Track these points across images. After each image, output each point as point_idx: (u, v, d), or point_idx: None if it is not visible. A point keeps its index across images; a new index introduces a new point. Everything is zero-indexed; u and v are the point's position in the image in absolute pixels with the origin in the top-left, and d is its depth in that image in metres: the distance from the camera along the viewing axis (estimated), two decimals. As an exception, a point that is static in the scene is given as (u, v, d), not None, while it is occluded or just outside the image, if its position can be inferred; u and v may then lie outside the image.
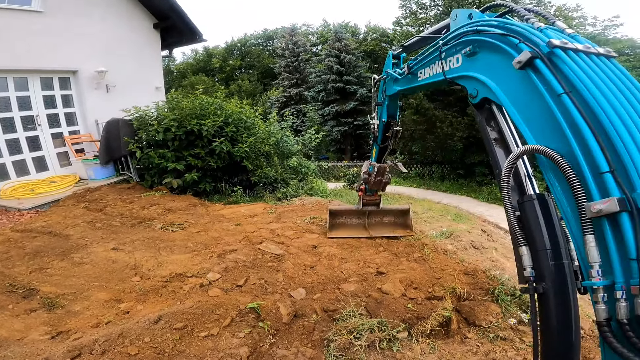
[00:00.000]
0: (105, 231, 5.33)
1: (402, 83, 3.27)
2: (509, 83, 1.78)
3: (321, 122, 25.56)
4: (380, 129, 4.13)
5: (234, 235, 5.08)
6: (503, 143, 2.06)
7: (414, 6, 25.50)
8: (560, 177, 1.51)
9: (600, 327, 1.30)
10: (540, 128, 1.62)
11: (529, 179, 1.97)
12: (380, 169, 4.40)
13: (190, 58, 46.31)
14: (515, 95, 1.75)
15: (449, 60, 2.30)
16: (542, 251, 1.63)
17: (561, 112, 1.47)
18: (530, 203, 1.72)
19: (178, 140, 7.39)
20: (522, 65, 1.61)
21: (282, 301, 3.39)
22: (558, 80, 1.48)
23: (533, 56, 1.57)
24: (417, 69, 2.86)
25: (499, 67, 1.84)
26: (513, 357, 2.93)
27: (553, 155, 1.48)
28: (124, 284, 3.75)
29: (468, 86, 2.14)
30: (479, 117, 2.15)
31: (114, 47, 9.68)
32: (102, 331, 2.76)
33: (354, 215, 5.20)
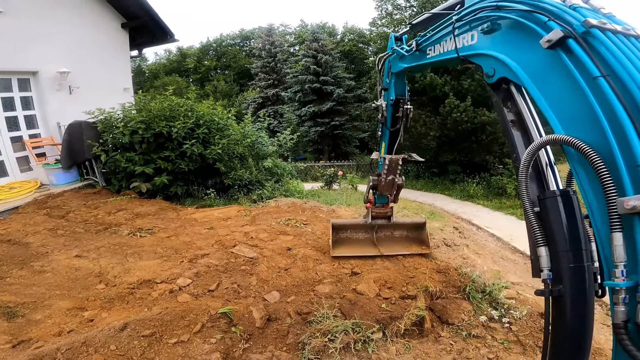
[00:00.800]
0: (67, 238, 5.09)
1: (409, 60, 3.09)
2: (534, 63, 1.65)
3: (298, 122, 25.46)
4: (389, 110, 3.75)
5: (206, 239, 4.95)
6: (521, 126, 1.92)
7: (390, 7, 25.91)
8: (588, 170, 1.40)
9: (617, 329, 1.25)
10: (569, 114, 1.49)
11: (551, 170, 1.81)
12: (392, 161, 3.77)
13: (163, 58, 45.10)
14: (540, 77, 1.62)
15: (463, 37, 2.16)
16: (562, 252, 1.53)
17: (596, 97, 1.35)
18: (552, 200, 1.58)
19: (146, 143, 7.16)
20: (552, 45, 1.47)
21: (255, 305, 3.33)
22: (594, 62, 1.35)
23: (565, 35, 1.44)
24: (426, 45, 2.71)
25: (523, 45, 1.71)
26: (485, 354, 2.99)
27: (582, 147, 1.36)
28: (87, 292, 3.60)
29: (484, 65, 2.01)
30: (495, 97, 2.02)
31: (78, 48, 9.31)
32: (65, 340, 2.68)
33: (360, 230, 4.55)
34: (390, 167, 3.80)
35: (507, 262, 6.28)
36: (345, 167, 20.65)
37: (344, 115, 25.73)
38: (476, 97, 15.06)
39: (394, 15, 26.07)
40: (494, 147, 14.97)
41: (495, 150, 15.16)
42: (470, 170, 16.03)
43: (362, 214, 6.76)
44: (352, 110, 25.97)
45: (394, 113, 3.76)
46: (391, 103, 3.68)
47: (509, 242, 8.17)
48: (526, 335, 3.20)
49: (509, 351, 3.04)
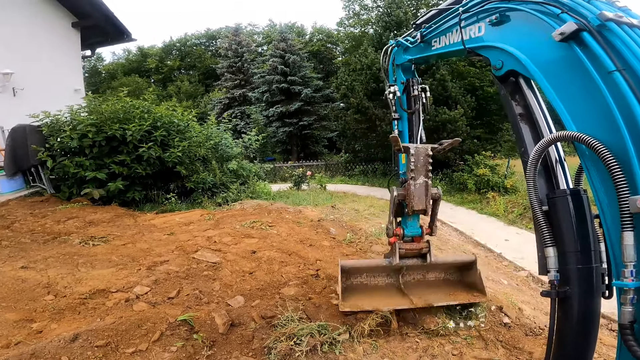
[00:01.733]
0: (12, 249, 4.76)
1: (414, 52, 3.01)
2: (545, 56, 1.60)
3: (266, 123, 25.20)
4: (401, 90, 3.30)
5: (166, 246, 4.76)
6: (529, 119, 1.87)
7: (357, 7, 26.32)
8: (600, 168, 1.35)
9: (623, 329, 1.23)
10: (581, 109, 1.44)
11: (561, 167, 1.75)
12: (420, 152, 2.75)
13: (121, 58, 43.14)
14: (552, 71, 1.56)
15: (470, 29, 2.10)
16: (571, 253, 1.50)
17: (610, 92, 1.30)
18: (563, 200, 1.54)
19: (97, 147, 6.80)
20: (565, 38, 1.43)
21: (217, 311, 3.24)
22: (610, 56, 1.31)
23: (580, 28, 1.39)
24: (431, 37, 2.63)
25: (533, 38, 1.66)
26: (450, 351, 3.05)
27: (594, 144, 1.32)
28: (35, 304, 3.38)
29: (491, 57, 1.95)
30: (503, 90, 1.96)
31: (23, 47, 8.88)
32: (13, 352, 2.54)
33: (380, 272, 3.37)
34: (418, 162, 2.79)
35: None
36: (314, 166, 20.68)
37: (312, 115, 25.77)
38: (437, 96, 15.59)
39: (361, 16, 26.52)
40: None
41: (455, 147, 15.76)
42: (433, 167, 16.52)
43: (328, 213, 6.76)
44: (321, 110, 26.07)
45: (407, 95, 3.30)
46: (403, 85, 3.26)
47: (471, 236, 8.50)
48: (487, 330, 3.30)
49: (472, 346, 3.12)
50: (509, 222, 9.99)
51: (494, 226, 9.70)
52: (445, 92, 15.90)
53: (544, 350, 3.08)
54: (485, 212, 11.14)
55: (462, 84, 19.09)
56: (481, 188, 13.34)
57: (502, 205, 11.11)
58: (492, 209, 11.23)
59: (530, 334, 3.38)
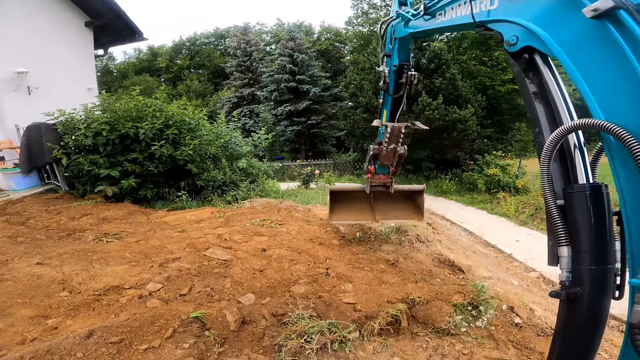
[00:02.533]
0: (28, 245, 4.83)
1: (416, 25, 2.87)
2: (571, 34, 1.45)
3: (274, 122, 25.24)
4: (392, 77, 3.54)
5: (177, 243, 4.81)
6: (544, 98, 1.75)
7: (366, 6, 26.19)
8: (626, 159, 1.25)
9: (633, 329, 1.19)
10: (611, 94, 1.32)
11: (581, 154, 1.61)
12: (394, 129, 3.61)
13: (132, 57, 43.61)
14: (578, 50, 1.42)
15: (481, 2, 1.95)
16: (586, 253, 1.41)
17: None
18: (580, 195, 1.44)
19: (111, 145, 6.89)
20: (598, 15, 1.30)
21: (228, 308, 3.27)
22: None
23: (617, 5, 1.26)
24: (436, 10, 2.48)
25: (558, 13, 1.51)
26: (460, 350, 3.04)
27: (621, 134, 1.21)
28: (50, 300, 3.44)
29: (505, 32, 1.81)
30: (516, 67, 1.83)
31: (38, 47, 9.01)
32: (28, 348, 2.58)
33: (358, 195, 4.51)
34: (392, 136, 3.65)
35: (479, 256, 6.46)
36: (322, 165, 20.68)
37: (320, 114, 25.75)
38: (447, 96, 15.44)
39: (369, 15, 26.39)
40: (464, 143, 15.39)
41: (465, 147, 15.60)
42: (443, 166, 16.42)
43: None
44: (329, 109, 26.03)
45: (396, 80, 3.56)
46: (394, 69, 3.48)
47: (481, 236, 8.41)
48: (498, 330, 3.29)
49: (483, 346, 3.11)
50: (519, 222, 9.86)
51: (505, 227, 9.59)
52: (456, 92, 15.73)
53: (556, 351, 3.06)
54: (496, 213, 11.01)
55: (472, 83, 18.87)
56: (491, 188, 13.19)
57: (513, 205, 10.97)
58: (502, 209, 11.09)
59: (541, 334, 3.35)
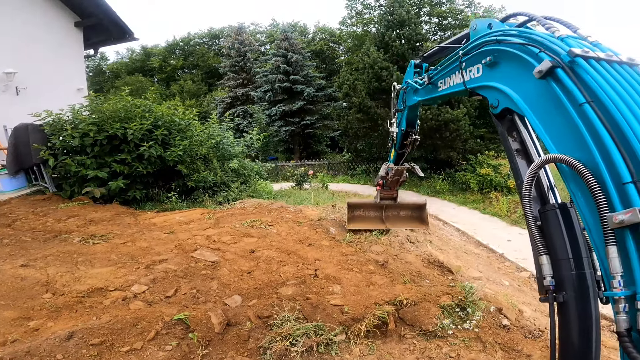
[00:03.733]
0: (13, 247, 4.77)
1: (422, 93, 3.27)
2: (530, 93, 1.75)
3: (268, 122, 25.17)
4: (399, 136, 4.31)
5: (165, 245, 4.76)
6: (525, 154, 2.02)
7: (360, 6, 26.22)
8: (582, 187, 1.47)
9: (621, 337, 1.30)
10: (562, 137, 1.58)
11: (551, 189, 1.93)
12: (398, 170, 4.69)
13: (125, 57, 43.28)
14: (536, 105, 1.72)
15: (470, 70, 2.28)
16: (563, 260, 1.62)
17: (583, 121, 1.44)
18: (552, 212, 1.70)
19: (99, 146, 6.80)
20: (543, 75, 1.58)
21: (213, 310, 3.24)
22: (580, 89, 1.45)
23: (554, 65, 1.54)
24: (438, 79, 2.86)
25: (520, 76, 1.81)
26: (447, 353, 3.03)
27: (575, 165, 1.44)
28: (33, 302, 3.40)
29: (489, 96, 2.11)
30: (500, 128, 2.10)
31: (26, 47, 8.95)
32: (8, 349, 2.56)
33: (372, 208, 5.44)
34: (396, 174, 4.73)
35: (470, 256, 6.47)
36: (316, 166, 20.66)
37: (314, 114, 25.71)
38: (441, 96, 15.48)
39: (363, 15, 26.43)
40: (457, 143, 15.45)
41: (458, 147, 15.65)
42: (436, 166, 16.47)
43: (328, 212, 6.78)
44: (323, 109, 25.99)
45: (403, 140, 4.35)
46: (402, 132, 4.25)
47: (473, 236, 8.44)
48: (485, 332, 3.27)
49: (470, 349, 3.09)
50: (511, 222, 9.92)
51: (497, 226, 9.64)
52: (448, 92, 15.78)
53: (543, 352, 3.05)
54: (488, 212, 11.07)
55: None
56: (484, 188, 13.26)
57: (505, 205, 11.03)
58: (494, 209, 11.15)
59: (529, 336, 3.34)
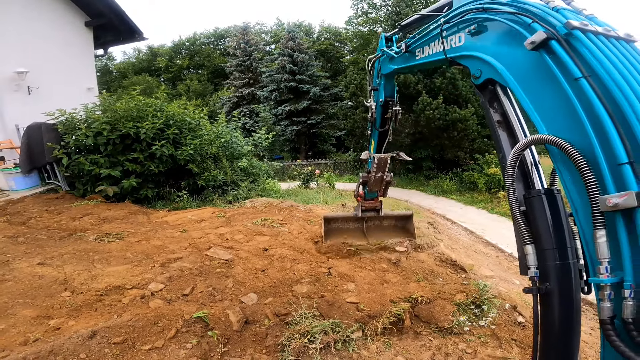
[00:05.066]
0: (29, 245, 4.82)
1: (399, 62, 3.10)
2: (518, 65, 1.68)
3: (274, 121, 25.23)
4: (378, 111, 3.82)
5: (179, 243, 4.80)
6: (507, 126, 1.95)
7: (366, 6, 26.15)
8: (571, 168, 1.42)
9: (604, 324, 1.27)
10: (552, 114, 1.51)
11: (536, 169, 1.86)
12: (381, 160, 3.92)
13: (132, 57, 43.59)
14: (524, 78, 1.64)
15: (451, 39, 2.18)
16: (548, 250, 1.56)
17: (577, 97, 1.37)
18: (538, 199, 1.62)
19: (112, 145, 6.87)
20: (536, 47, 1.49)
21: (231, 308, 3.26)
22: (576, 63, 1.38)
23: (548, 37, 1.46)
24: (415, 47, 2.72)
25: (508, 47, 1.74)
26: (464, 349, 3.04)
27: (564, 146, 1.39)
28: (52, 300, 3.43)
29: (471, 66, 2.03)
30: (482, 98, 2.04)
31: (38, 47, 9.01)
32: (31, 349, 2.57)
33: (351, 222, 4.69)
34: (380, 165, 3.92)
35: (480, 255, 6.47)
36: (322, 165, 20.69)
37: (320, 113, 25.74)
38: (447, 95, 15.44)
39: (369, 14, 26.35)
40: (464, 143, 15.40)
41: (466, 146, 15.60)
42: (443, 166, 16.43)
43: (338, 211, 6.79)
44: (329, 108, 26.03)
45: (383, 114, 3.83)
46: (380, 104, 3.75)
47: (482, 236, 8.43)
48: (501, 329, 3.28)
49: (486, 345, 3.10)
50: (520, 222, 9.86)
51: (505, 226, 9.59)
52: (456, 91, 15.74)
53: (560, 350, 3.05)
54: (496, 212, 11.02)
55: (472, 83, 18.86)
56: (492, 187, 13.20)
57: (513, 205, 10.97)
58: (502, 208, 11.10)
59: (545, 334, 3.34)
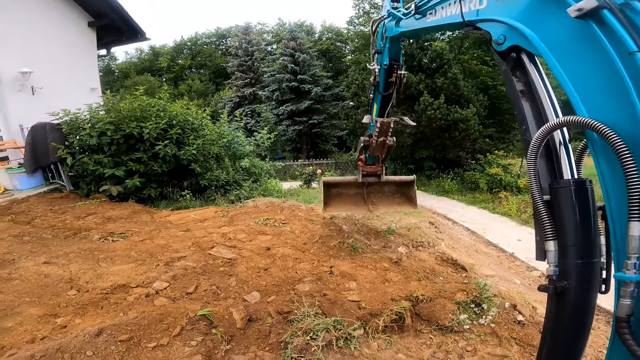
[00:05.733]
0: (34, 244, 4.86)
1: (407, 24, 2.87)
2: (557, 33, 1.48)
3: (276, 121, 25.27)
4: (382, 75, 3.62)
5: (182, 242, 4.85)
6: (531, 96, 1.77)
7: (367, 6, 26.18)
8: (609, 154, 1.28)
9: (619, 322, 1.21)
10: (594, 92, 1.34)
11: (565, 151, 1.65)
12: (384, 124, 3.72)
13: (134, 57, 43.66)
14: (563, 49, 1.45)
15: (470, 1, 1.98)
16: (572, 247, 1.44)
17: (630, 74, 1.21)
18: (566, 191, 1.46)
19: (116, 145, 6.91)
20: (582, 15, 1.32)
21: (235, 306, 3.31)
22: (632, 36, 1.21)
23: (600, 5, 1.28)
24: (427, 9, 2.49)
25: (544, 13, 1.54)
26: (464, 347, 3.08)
27: (604, 131, 1.25)
28: (58, 299, 3.47)
29: (493, 31, 1.84)
30: (504, 66, 1.86)
31: (41, 47, 9.05)
32: (39, 347, 2.60)
33: (352, 187, 4.55)
34: (382, 130, 3.75)
35: (481, 255, 6.50)
36: (324, 165, 20.72)
37: (322, 113, 25.77)
38: (449, 95, 15.46)
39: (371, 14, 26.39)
40: (466, 143, 15.42)
41: (467, 146, 15.62)
42: (444, 166, 16.45)
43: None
44: (330, 108, 26.05)
45: (386, 78, 3.64)
46: (385, 67, 3.56)
47: (483, 236, 8.45)
48: (501, 327, 3.31)
49: (486, 343, 3.14)
50: (521, 222, 9.88)
51: (506, 226, 9.62)
52: (458, 91, 15.75)
53: (559, 349, 3.09)
54: (498, 212, 11.04)
55: (474, 83, 18.87)
56: (493, 187, 13.22)
57: (515, 205, 10.99)
58: (504, 208, 11.12)
59: (544, 332, 3.37)
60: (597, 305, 1.38)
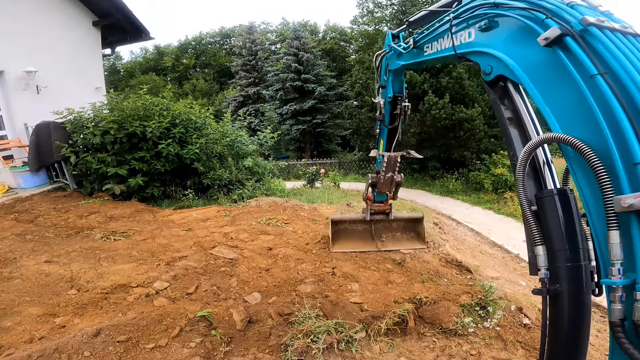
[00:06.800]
0: (37, 243, 4.88)
1: (407, 57, 3.10)
2: (531, 61, 1.65)
3: (280, 121, 25.31)
4: (387, 108, 3.75)
5: (184, 241, 4.83)
6: (518, 123, 1.91)
7: (371, 5, 26.11)
8: (585, 168, 1.39)
9: (614, 327, 1.25)
10: (566, 112, 1.48)
11: (548, 168, 1.81)
12: (391, 158, 3.77)
13: (139, 57, 43.97)
14: (537, 75, 1.61)
15: (460, 35, 2.16)
16: (559, 252, 1.54)
17: (593, 95, 1.34)
18: (550, 199, 1.59)
19: (119, 144, 6.92)
20: (549, 43, 1.47)
21: (235, 307, 3.28)
22: (592, 60, 1.34)
23: (563, 33, 1.43)
24: (424, 43, 2.71)
25: (520, 43, 1.70)
26: (468, 351, 3.02)
27: (578, 145, 1.36)
28: (58, 298, 3.47)
29: (481, 62, 2.01)
30: (492, 95, 2.02)
31: (46, 46, 9.08)
32: (37, 346, 2.60)
33: (359, 224, 4.59)
34: (389, 165, 3.79)
35: (485, 256, 6.42)
36: (327, 164, 20.68)
37: (325, 113, 25.75)
38: (454, 95, 15.34)
39: (375, 13, 26.33)
40: (471, 143, 15.30)
41: (472, 146, 15.49)
42: (449, 166, 16.33)
43: (343, 212, 6.78)
44: (334, 108, 26.03)
45: (391, 110, 3.75)
46: (389, 100, 3.68)
47: (488, 236, 8.36)
48: (506, 330, 3.25)
49: (491, 347, 3.08)
50: (527, 222, 9.77)
51: (512, 227, 9.52)
52: (463, 91, 15.63)
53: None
54: (503, 213, 10.93)
55: (479, 82, 18.70)
56: (498, 188, 13.11)
57: (520, 205, 10.87)
58: (509, 209, 11.01)
59: (551, 336, 3.30)
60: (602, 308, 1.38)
